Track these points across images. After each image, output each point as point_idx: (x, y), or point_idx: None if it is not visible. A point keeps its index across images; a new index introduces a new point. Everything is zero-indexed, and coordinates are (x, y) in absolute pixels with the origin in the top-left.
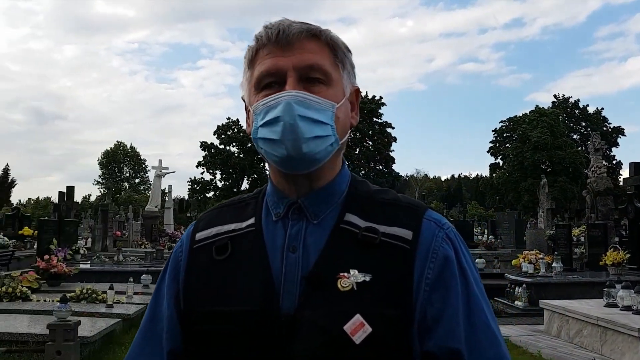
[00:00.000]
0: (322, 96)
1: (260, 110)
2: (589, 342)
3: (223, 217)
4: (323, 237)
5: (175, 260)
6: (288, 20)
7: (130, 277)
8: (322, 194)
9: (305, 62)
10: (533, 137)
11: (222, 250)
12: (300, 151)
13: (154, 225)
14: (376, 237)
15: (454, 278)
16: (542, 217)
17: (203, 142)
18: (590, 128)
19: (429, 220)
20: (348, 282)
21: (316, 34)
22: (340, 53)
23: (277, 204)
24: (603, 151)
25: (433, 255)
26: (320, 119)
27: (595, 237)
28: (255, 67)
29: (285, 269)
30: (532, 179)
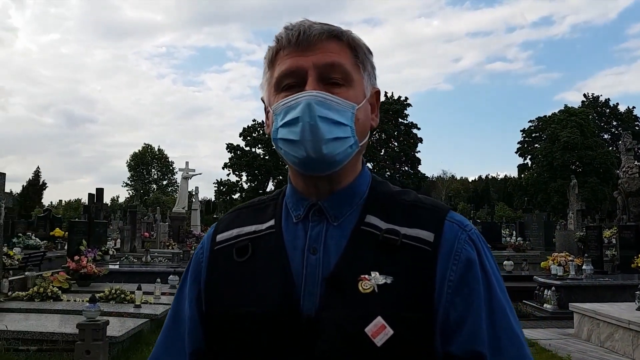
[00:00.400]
0: (343, 97)
1: (280, 110)
2: (620, 347)
3: (243, 219)
4: (344, 239)
5: (196, 262)
6: (309, 21)
7: (157, 277)
8: (343, 196)
9: (325, 61)
10: (562, 137)
11: (243, 252)
12: (320, 152)
13: (181, 226)
14: (397, 239)
15: (476, 280)
16: (572, 218)
17: (229, 144)
18: (621, 127)
19: (451, 222)
20: (369, 284)
21: (337, 35)
22: (361, 54)
23: (297, 206)
24: (635, 151)
25: (455, 257)
26: (340, 120)
27: (627, 239)
28: (275, 67)
29: (306, 270)
30: (562, 179)
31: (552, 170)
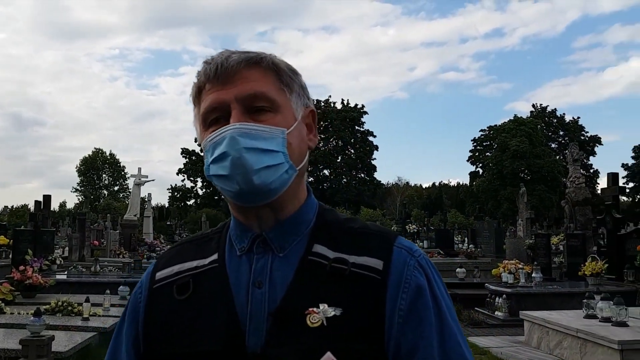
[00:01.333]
0: (270, 124)
1: (208, 147)
2: (569, 354)
3: (185, 254)
4: (290, 270)
5: (134, 302)
6: (228, 52)
7: (107, 288)
8: (288, 225)
9: (247, 92)
10: (512, 146)
11: (184, 289)
12: (252, 183)
13: (133, 234)
14: (346, 268)
15: (427, 308)
16: (521, 225)
17: (184, 149)
18: (567, 137)
19: (400, 248)
20: (317, 318)
21: (256, 61)
22: (285, 76)
23: (240, 238)
24: (581, 161)
25: (405, 284)
26: (268, 147)
27: (574, 246)
28: (200, 104)
29: (251, 305)
30: (511, 187)
31: (502, 178)
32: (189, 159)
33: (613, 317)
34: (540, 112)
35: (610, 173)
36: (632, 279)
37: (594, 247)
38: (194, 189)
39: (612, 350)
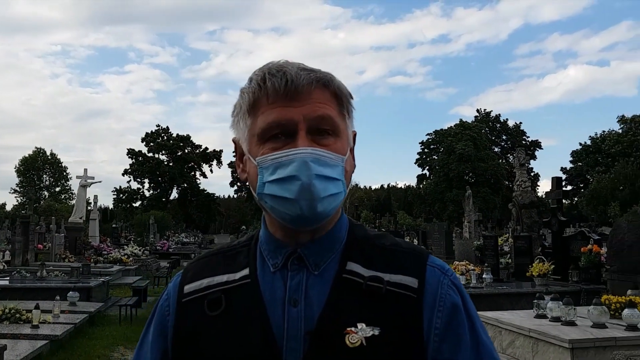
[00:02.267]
0: (332, 149)
1: (268, 164)
2: (521, 353)
3: (213, 268)
4: (325, 288)
5: (161, 314)
6: (292, 65)
7: (55, 294)
8: (323, 243)
9: (316, 114)
10: (458, 149)
11: (216, 305)
12: (315, 211)
13: (79, 237)
14: (382, 287)
15: (462, 326)
16: (467, 227)
17: (130, 149)
18: (510, 141)
19: (433, 267)
20: (357, 338)
21: (325, 83)
22: (346, 102)
23: (274, 254)
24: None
25: (440, 303)
26: (333, 175)
27: (521, 248)
28: (258, 115)
29: (287, 324)
30: (457, 189)
31: (448, 181)
32: (135, 159)
33: (562, 316)
34: (485, 117)
35: (554, 177)
36: (576, 279)
37: (539, 249)
38: (141, 191)
39: (562, 349)
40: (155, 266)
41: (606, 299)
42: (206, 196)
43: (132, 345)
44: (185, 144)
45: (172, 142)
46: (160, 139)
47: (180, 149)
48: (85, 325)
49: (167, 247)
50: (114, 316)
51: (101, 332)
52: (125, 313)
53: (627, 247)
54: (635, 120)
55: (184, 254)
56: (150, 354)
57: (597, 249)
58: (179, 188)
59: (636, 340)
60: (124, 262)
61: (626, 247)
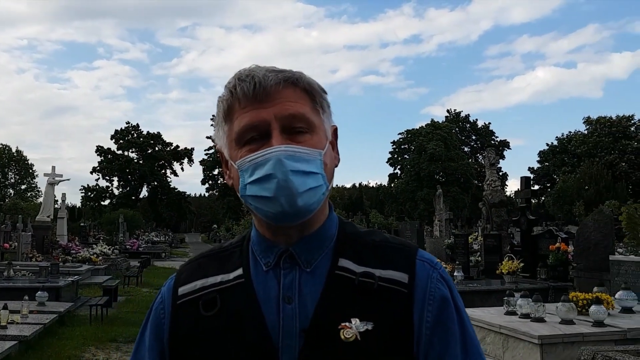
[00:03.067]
0: (308, 145)
1: (246, 166)
2: (492, 349)
3: (206, 269)
4: (318, 285)
5: (156, 317)
6: (261, 69)
7: (24, 294)
8: (314, 240)
9: (287, 112)
10: (429, 149)
11: (211, 305)
12: (296, 206)
13: (46, 236)
14: (373, 282)
15: (451, 319)
16: (438, 225)
17: (99, 147)
18: (479, 141)
19: (422, 261)
20: (351, 333)
21: (294, 82)
22: (318, 97)
23: (265, 253)
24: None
25: (430, 296)
26: (310, 169)
27: (491, 246)
28: (233, 120)
29: (283, 321)
30: (428, 188)
31: (419, 180)
32: (104, 157)
33: (532, 313)
34: (455, 117)
35: (523, 177)
36: (544, 277)
37: (508, 247)
38: (110, 189)
39: (532, 345)
40: (125, 265)
41: (573, 296)
42: (177, 194)
43: (103, 345)
44: (155, 142)
45: (143, 140)
46: (130, 136)
47: (151, 146)
48: (54, 326)
49: (137, 246)
50: (84, 316)
51: (71, 332)
52: (96, 313)
53: (593, 245)
54: (600, 121)
55: (154, 253)
56: (149, 356)
57: (565, 247)
58: (149, 186)
59: (603, 336)
60: (93, 262)
61: (592, 245)
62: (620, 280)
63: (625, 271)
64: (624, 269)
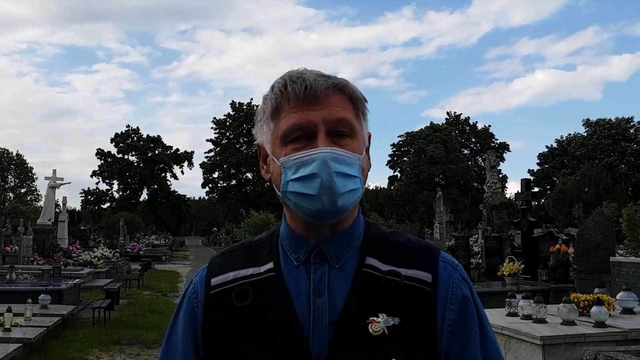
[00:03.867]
0: (349, 149)
1: (290, 164)
2: None
3: (237, 262)
4: (347, 281)
5: (189, 306)
6: (311, 73)
7: (26, 297)
8: (343, 238)
9: (334, 116)
10: (429, 152)
11: (243, 296)
12: (335, 205)
13: (47, 239)
14: (399, 281)
15: (472, 317)
16: (438, 228)
17: (100, 150)
18: (479, 144)
19: (444, 262)
20: (379, 327)
21: (341, 88)
22: (360, 105)
23: (296, 249)
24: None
25: (452, 296)
26: (351, 173)
27: (492, 248)
28: (280, 119)
29: (313, 314)
30: (428, 191)
31: (419, 183)
32: (104, 160)
33: (533, 314)
34: (455, 120)
35: (523, 179)
36: (545, 278)
37: (509, 249)
38: (110, 192)
39: (534, 346)
40: (126, 269)
41: (575, 297)
42: (177, 197)
43: (107, 348)
44: (155, 145)
45: (143, 143)
46: (130, 139)
47: (151, 150)
48: (58, 328)
49: (137, 250)
50: (87, 319)
51: (74, 335)
52: (99, 316)
53: (593, 247)
54: (599, 123)
55: (154, 256)
56: (182, 343)
57: (565, 249)
58: (149, 189)
59: (604, 336)
60: (94, 265)
61: (593, 247)
62: (620, 281)
63: (626, 272)
64: (624, 270)
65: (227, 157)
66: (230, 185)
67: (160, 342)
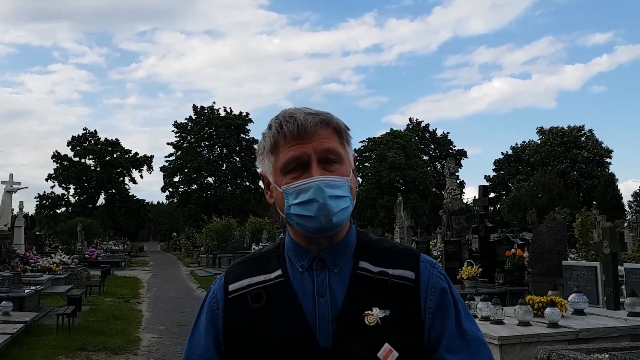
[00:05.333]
0: (338, 174)
1: (291, 191)
2: None
3: (250, 270)
4: (344, 282)
5: (211, 309)
6: (300, 111)
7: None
8: (340, 247)
9: (323, 147)
10: (389, 157)
11: (258, 299)
12: (331, 223)
13: (4, 245)
14: (388, 279)
15: (449, 305)
16: (398, 232)
17: (56, 153)
18: (438, 150)
19: (424, 262)
20: (373, 318)
21: (327, 122)
22: (344, 134)
23: (300, 258)
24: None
25: (432, 289)
26: (342, 194)
27: (451, 252)
28: (279, 153)
29: (318, 311)
30: (388, 196)
31: (380, 188)
32: (61, 164)
33: (491, 316)
34: (415, 126)
35: (481, 186)
36: (502, 281)
37: (467, 253)
38: (65, 197)
39: (492, 346)
40: (85, 275)
41: (530, 299)
42: (136, 202)
43: (73, 354)
44: (113, 149)
45: (100, 147)
46: (88, 143)
47: (109, 153)
48: (21, 336)
49: (95, 255)
50: (49, 326)
51: (39, 342)
52: (62, 322)
53: (547, 251)
54: (552, 131)
55: (113, 262)
56: (205, 340)
57: (520, 253)
58: (107, 194)
59: (557, 336)
60: (53, 271)
61: (546, 251)
62: (572, 284)
63: (577, 275)
64: (575, 273)
65: (188, 161)
66: (191, 189)
67: (126, 348)
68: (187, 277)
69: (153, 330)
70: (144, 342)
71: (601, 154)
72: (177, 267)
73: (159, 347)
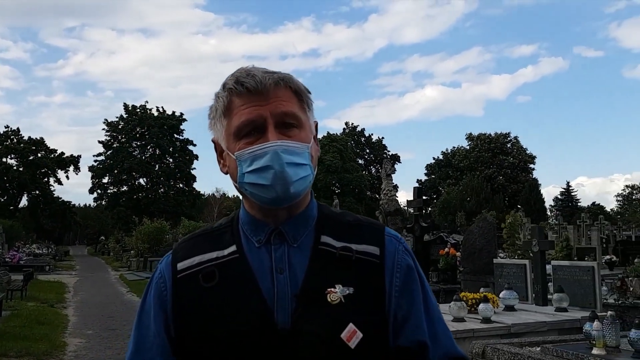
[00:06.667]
0: (297, 139)
1: (245, 157)
2: None
3: (201, 247)
4: (305, 257)
5: (158, 290)
6: (258, 70)
7: None
8: (300, 220)
9: (281, 110)
10: (326, 161)
11: (210, 278)
12: (289, 192)
13: None
14: (351, 255)
15: (415, 283)
16: None
17: None
18: (373, 154)
19: (390, 237)
20: (336, 296)
21: (286, 83)
22: (305, 97)
23: (256, 232)
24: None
25: (397, 266)
26: (301, 161)
27: None
28: (232, 116)
29: (277, 288)
30: (324, 199)
31: (316, 190)
32: None
33: None
34: (351, 130)
35: (415, 187)
36: (436, 280)
37: None
38: None
39: None
40: (6, 279)
41: (464, 295)
42: (61, 204)
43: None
44: (38, 148)
45: (23, 146)
46: (9, 141)
47: (32, 153)
48: None
49: (17, 259)
50: None
51: None
52: None
53: (478, 250)
54: (480, 138)
55: (37, 266)
56: (154, 325)
57: (454, 252)
58: (30, 195)
59: (490, 331)
60: None
61: (477, 250)
62: (503, 281)
63: (507, 273)
64: (506, 271)
65: (119, 162)
66: (121, 191)
67: (51, 353)
68: (116, 281)
69: (80, 335)
70: (71, 347)
71: (525, 160)
72: (106, 271)
73: (87, 352)
